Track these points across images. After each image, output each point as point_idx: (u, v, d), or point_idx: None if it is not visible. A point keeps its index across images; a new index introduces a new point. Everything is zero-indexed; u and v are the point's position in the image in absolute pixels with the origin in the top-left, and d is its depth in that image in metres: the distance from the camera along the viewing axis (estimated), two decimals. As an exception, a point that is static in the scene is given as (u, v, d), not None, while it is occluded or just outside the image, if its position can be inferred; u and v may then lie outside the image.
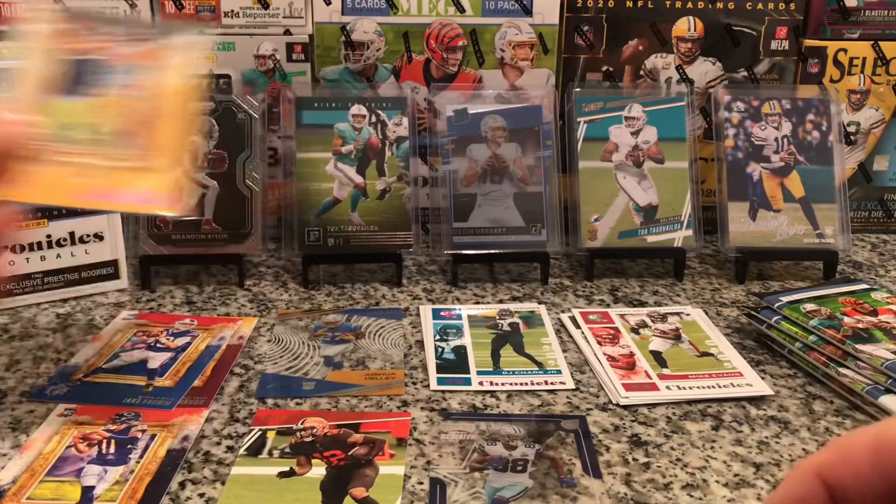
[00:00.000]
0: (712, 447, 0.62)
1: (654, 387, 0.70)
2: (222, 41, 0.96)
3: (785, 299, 0.79)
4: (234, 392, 0.69)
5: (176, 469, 0.58)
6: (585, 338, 0.79)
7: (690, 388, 0.70)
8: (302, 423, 0.64)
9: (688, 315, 0.84)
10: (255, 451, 0.61)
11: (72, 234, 0.85)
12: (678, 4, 0.99)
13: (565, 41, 1.00)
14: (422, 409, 0.67)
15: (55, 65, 0.58)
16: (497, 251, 0.90)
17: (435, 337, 0.79)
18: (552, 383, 0.71)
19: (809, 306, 0.77)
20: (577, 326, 0.81)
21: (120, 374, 0.71)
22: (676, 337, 0.79)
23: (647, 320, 0.83)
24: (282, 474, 0.58)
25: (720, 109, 0.95)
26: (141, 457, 0.60)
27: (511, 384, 0.71)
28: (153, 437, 0.62)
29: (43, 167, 0.55)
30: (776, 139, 0.94)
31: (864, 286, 0.83)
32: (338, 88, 0.97)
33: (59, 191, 0.56)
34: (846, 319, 0.74)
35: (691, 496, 0.57)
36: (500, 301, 0.87)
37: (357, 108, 0.91)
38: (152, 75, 0.59)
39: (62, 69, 0.58)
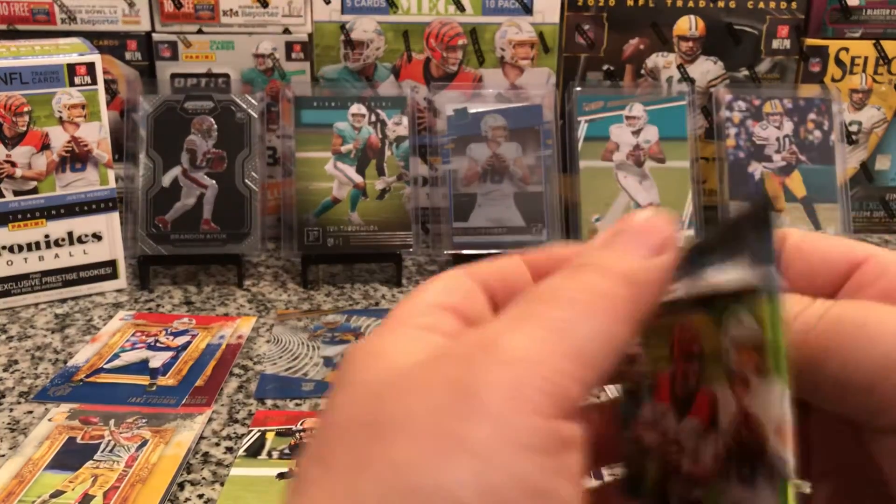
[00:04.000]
0: (714, 448, 0.62)
1: (655, 387, 0.70)
2: (221, 40, 0.96)
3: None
4: (234, 392, 0.69)
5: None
6: (586, 338, 0.78)
7: (692, 388, 0.70)
8: (301, 425, 0.64)
9: (689, 315, 0.84)
10: (254, 452, 0.60)
11: (70, 234, 0.84)
12: (679, 3, 0.98)
13: (566, 40, 1.00)
14: (422, 409, 0.66)
15: None
16: (497, 251, 0.90)
17: (435, 337, 0.78)
18: (553, 384, 0.71)
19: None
20: (578, 326, 0.81)
21: (122, 373, 0.71)
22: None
23: (649, 320, 0.82)
24: (281, 475, 0.58)
25: (721, 109, 0.94)
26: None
27: (512, 385, 0.70)
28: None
29: None
30: (777, 139, 0.94)
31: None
32: (337, 88, 0.97)
33: None
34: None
35: (694, 497, 0.56)
36: (501, 301, 0.87)
37: (356, 108, 0.91)
38: None
39: None
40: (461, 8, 0.97)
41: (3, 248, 0.82)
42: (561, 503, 0.22)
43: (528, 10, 0.97)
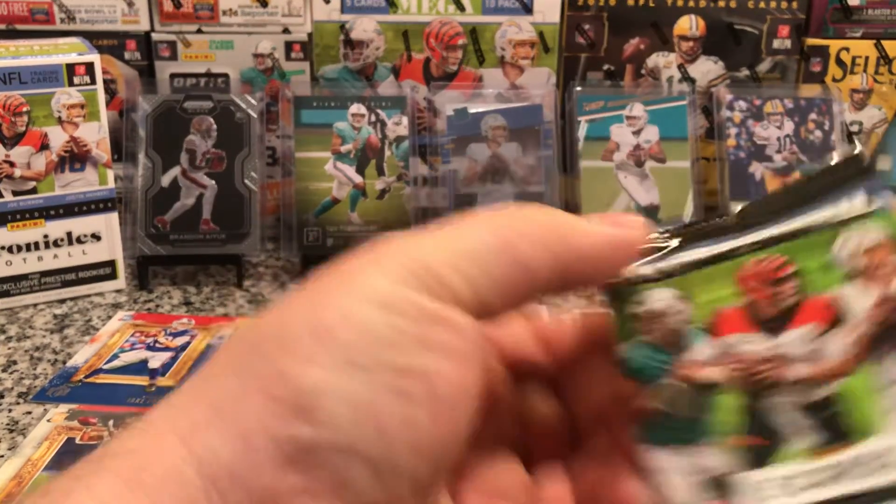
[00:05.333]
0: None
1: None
2: (221, 40, 0.96)
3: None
4: (233, 393, 0.68)
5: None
6: (587, 338, 0.78)
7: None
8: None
9: (690, 315, 0.84)
10: (254, 453, 0.60)
11: (69, 235, 0.84)
12: (680, 3, 0.98)
13: (566, 40, 0.99)
14: (422, 410, 0.66)
15: None
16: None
17: (435, 337, 0.78)
18: (554, 384, 0.70)
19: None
20: (579, 327, 0.81)
21: (121, 374, 0.71)
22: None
23: (649, 321, 0.82)
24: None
25: (722, 108, 0.94)
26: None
27: (512, 385, 0.70)
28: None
29: None
30: (778, 138, 0.93)
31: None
32: (337, 87, 0.96)
33: None
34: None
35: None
36: (501, 301, 0.87)
37: (356, 108, 0.91)
38: None
39: None
40: (461, 7, 0.97)
41: (2, 248, 0.81)
42: (424, 374, 0.21)
43: (528, 9, 0.97)
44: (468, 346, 0.22)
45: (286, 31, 0.96)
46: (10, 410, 0.66)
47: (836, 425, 0.23)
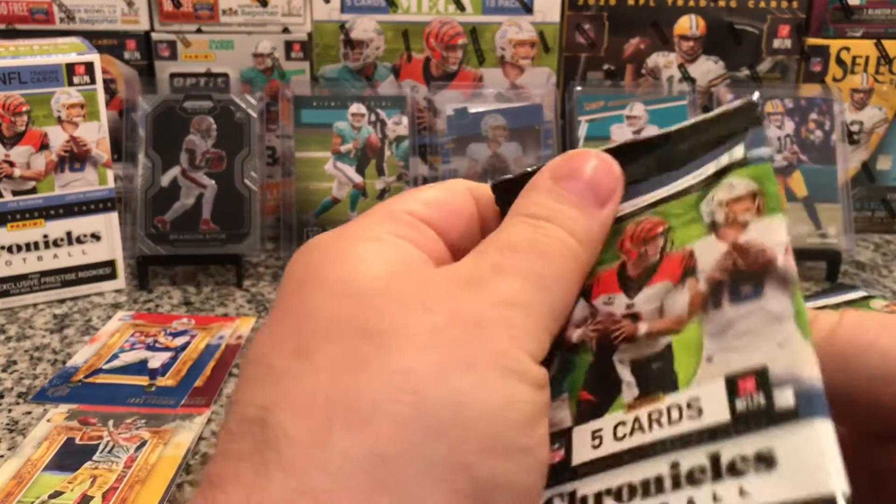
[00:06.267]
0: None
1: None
2: (220, 40, 0.95)
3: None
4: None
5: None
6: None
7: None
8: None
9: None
10: (254, 453, 0.60)
11: (69, 234, 0.84)
12: (680, 2, 0.98)
13: (566, 39, 0.99)
14: (422, 410, 0.66)
15: None
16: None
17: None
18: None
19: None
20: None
21: (121, 374, 0.71)
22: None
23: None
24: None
25: (722, 108, 0.94)
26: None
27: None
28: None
29: None
30: (779, 138, 0.93)
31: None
32: (337, 87, 0.96)
33: None
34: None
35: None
36: (501, 301, 0.87)
37: (356, 107, 0.91)
38: None
39: None
40: (461, 7, 0.97)
41: (2, 248, 0.81)
42: (541, 438, 0.23)
43: (528, 9, 0.97)
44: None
45: (286, 30, 0.96)
46: (9, 410, 0.66)
47: (658, 378, 0.23)
